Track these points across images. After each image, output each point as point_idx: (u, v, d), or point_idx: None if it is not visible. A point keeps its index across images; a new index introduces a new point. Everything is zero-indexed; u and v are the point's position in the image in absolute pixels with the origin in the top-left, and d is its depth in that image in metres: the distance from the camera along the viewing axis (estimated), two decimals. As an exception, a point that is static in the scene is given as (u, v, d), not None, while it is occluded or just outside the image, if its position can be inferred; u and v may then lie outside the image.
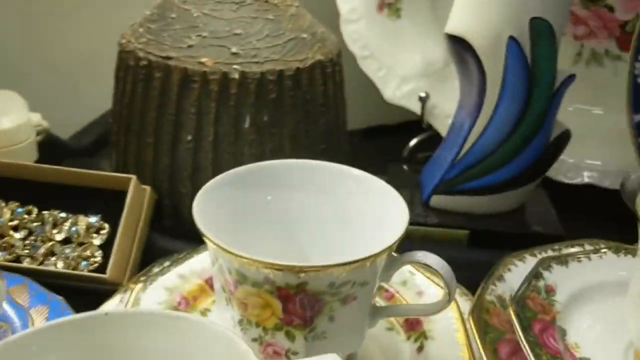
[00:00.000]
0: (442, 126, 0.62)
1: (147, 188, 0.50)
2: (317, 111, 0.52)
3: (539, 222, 0.55)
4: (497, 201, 0.55)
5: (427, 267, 0.36)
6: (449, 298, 0.36)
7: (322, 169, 0.40)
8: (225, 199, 0.39)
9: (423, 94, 0.63)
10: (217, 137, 0.49)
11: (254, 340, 0.36)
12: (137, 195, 0.49)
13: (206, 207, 0.37)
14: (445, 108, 0.63)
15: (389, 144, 0.67)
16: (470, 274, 0.45)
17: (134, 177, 0.48)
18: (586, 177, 0.61)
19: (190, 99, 0.49)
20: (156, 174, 0.51)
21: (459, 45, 0.52)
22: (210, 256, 0.36)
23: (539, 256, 0.48)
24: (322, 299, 0.34)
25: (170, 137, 0.50)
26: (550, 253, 0.49)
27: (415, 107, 0.64)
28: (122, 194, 0.49)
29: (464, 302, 0.45)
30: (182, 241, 0.51)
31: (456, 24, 0.51)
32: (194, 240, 0.51)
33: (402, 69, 0.65)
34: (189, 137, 0.50)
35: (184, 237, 0.52)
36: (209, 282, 0.45)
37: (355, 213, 0.39)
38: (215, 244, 0.33)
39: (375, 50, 0.64)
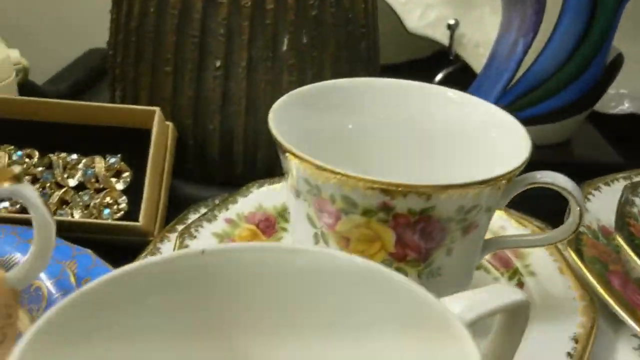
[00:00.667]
0: (472, 56, 0.57)
1: (170, 124, 0.43)
2: (358, 33, 0.46)
3: (594, 151, 0.51)
4: (548, 131, 0.50)
5: (552, 187, 0.30)
6: (580, 222, 0.31)
7: (411, 88, 0.35)
8: (297, 121, 0.33)
9: (452, 21, 0.57)
10: (250, 63, 0.43)
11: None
12: (162, 133, 0.42)
13: (280, 126, 0.30)
14: (474, 37, 0.58)
15: (414, 80, 0.62)
16: (531, 206, 0.41)
17: (157, 110, 0.41)
18: (627, 106, 0.57)
19: (217, 17, 0.42)
20: (177, 109, 0.44)
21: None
22: (298, 186, 0.30)
23: (613, 185, 0.44)
24: (447, 227, 0.28)
25: (194, 64, 0.43)
26: (622, 182, 0.45)
27: (441, 37, 0.58)
28: (141, 133, 0.41)
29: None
30: (208, 186, 0.45)
31: None
32: (223, 185, 0.45)
33: (426, -4, 0.59)
34: (218, 64, 0.43)
35: (211, 182, 0.45)
36: (261, 226, 0.38)
37: (458, 137, 0.34)
38: (319, 166, 0.27)
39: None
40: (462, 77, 0.55)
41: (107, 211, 0.39)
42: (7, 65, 0.49)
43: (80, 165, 0.41)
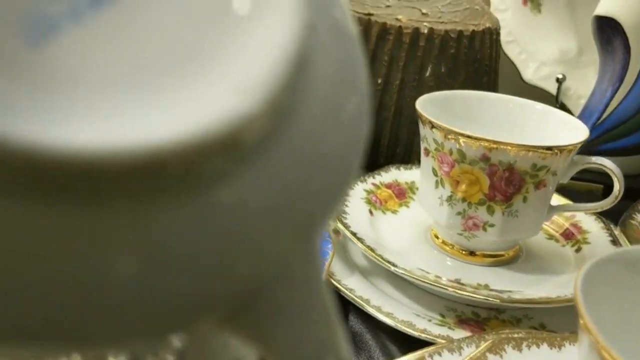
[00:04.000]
0: (574, 106, 0.72)
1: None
2: (482, 69, 0.62)
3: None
4: (630, 162, 0.63)
5: (601, 167, 0.45)
6: (619, 193, 0.45)
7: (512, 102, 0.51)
8: (429, 110, 0.49)
9: (560, 76, 0.72)
10: (402, 83, 0.60)
11: (459, 213, 0.45)
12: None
13: (422, 109, 0.47)
14: (578, 91, 0.72)
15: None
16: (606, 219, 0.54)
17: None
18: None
19: (384, 49, 0.60)
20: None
21: (607, 26, 0.61)
22: (429, 147, 0.46)
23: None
24: (524, 178, 0.43)
25: (362, 80, 0.61)
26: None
27: (550, 89, 0.73)
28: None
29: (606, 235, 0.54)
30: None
31: (607, 6, 0.61)
32: (370, 169, 0.62)
33: (541, 55, 0.74)
34: (379, 81, 0.60)
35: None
36: (395, 192, 0.55)
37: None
38: (443, 127, 0.43)
39: (518, 36, 0.74)
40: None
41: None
42: None
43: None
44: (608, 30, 0.62)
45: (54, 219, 0.11)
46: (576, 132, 0.47)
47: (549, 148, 0.42)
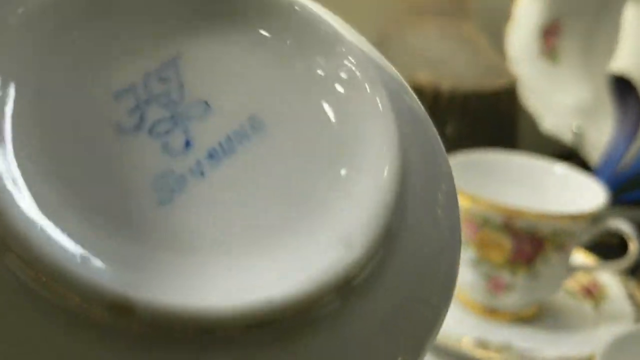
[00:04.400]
0: (592, 157, 0.74)
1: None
2: (502, 125, 0.65)
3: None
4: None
5: (619, 230, 0.47)
6: (635, 256, 0.47)
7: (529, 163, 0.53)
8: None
9: (576, 129, 0.75)
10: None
11: (483, 275, 0.47)
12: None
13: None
14: (595, 140, 0.74)
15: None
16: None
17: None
18: None
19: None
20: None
21: (621, 82, 0.64)
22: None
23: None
24: (545, 242, 0.45)
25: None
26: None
27: (568, 139, 0.75)
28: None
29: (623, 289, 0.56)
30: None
31: (621, 64, 0.64)
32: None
33: (558, 106, 0.77)
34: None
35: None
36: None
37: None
38: (468, 195, 0.46)
39: (535, 87, 0.77)
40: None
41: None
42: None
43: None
44: (622, 86, 0.64)
45: None
46: (596, 194, 0.49)
47: (570, 216, 0.44)
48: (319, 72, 0.15)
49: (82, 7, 0.13)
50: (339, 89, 0.15)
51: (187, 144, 0.14)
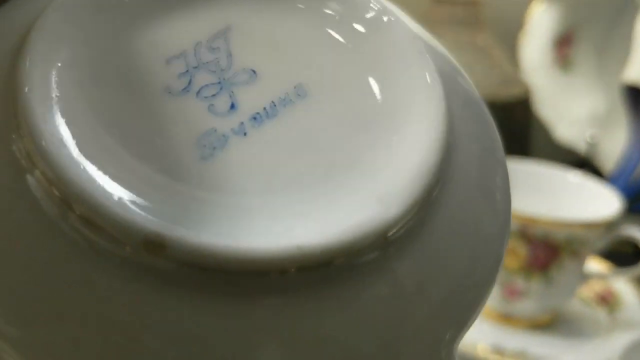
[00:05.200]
0: (605, 166, 0.74)
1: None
2: (516, 135, 0.65)
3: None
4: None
5: (632, 238, 0.48)
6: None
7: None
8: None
9: (590, 139, 0.75)
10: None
11: (498, 282, 0.48)
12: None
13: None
14: (608, 149, 0.75)
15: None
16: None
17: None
18: None
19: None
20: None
21: (634, 92, 0.64)
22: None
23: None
24: (559, 249, 0.46)
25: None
26: None
27: (581, 148, 0.76)
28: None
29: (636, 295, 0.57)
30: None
31: (634, 74, 0.64)
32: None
33: (571, 114, 0.77)
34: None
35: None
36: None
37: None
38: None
39: (549, 96, 0.77)
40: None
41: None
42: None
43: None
44: (635, 96, 0.65)
45: (223, 311, 0.12)
46: (610, 203, 0.49)
47: (585, 224, 0.45)
48: (365, 44, 0.15)
49: None
50: (386, 61, 0.15)
51: (232, 106, 0.14)
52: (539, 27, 0.77)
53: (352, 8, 0.15)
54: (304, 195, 0.13)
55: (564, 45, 0.77)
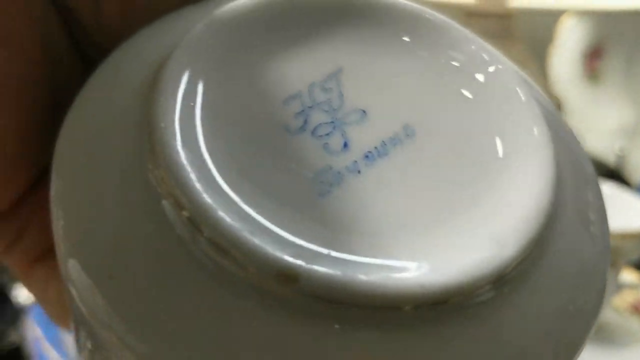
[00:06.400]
0: (632, 176, 0.75)
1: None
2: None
3: None
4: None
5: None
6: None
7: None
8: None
9: (619, 152, 0.76)
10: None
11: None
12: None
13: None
14: (634, 161, 0.75)
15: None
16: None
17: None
18: None
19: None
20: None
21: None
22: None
23: None
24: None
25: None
26: None
27: (610, 160, 0.77)
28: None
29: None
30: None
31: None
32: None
33: (600, 126, 0.78)
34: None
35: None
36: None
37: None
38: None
39: (577, 107, 0.78)
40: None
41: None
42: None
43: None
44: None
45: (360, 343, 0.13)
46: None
47: (620, 235, 0.46)
48: (476, 90, 0.16)
49: (264, 19, 0.15)
50: (493, 106, 0.16)
51: (345, 145, 0.15)
52: (569, 40, 0.77)
53: (444, 41, 0.16)
54: (422, 234, 0.14)
55: (593, 58, 0.78)
